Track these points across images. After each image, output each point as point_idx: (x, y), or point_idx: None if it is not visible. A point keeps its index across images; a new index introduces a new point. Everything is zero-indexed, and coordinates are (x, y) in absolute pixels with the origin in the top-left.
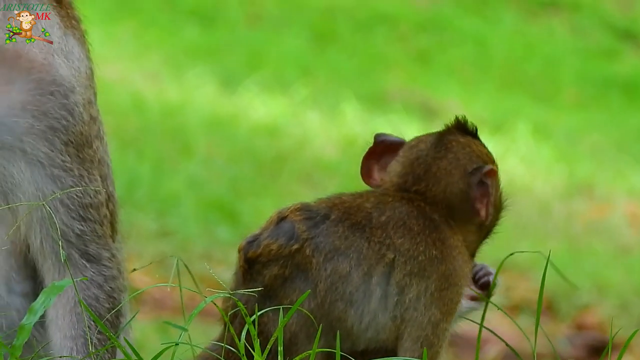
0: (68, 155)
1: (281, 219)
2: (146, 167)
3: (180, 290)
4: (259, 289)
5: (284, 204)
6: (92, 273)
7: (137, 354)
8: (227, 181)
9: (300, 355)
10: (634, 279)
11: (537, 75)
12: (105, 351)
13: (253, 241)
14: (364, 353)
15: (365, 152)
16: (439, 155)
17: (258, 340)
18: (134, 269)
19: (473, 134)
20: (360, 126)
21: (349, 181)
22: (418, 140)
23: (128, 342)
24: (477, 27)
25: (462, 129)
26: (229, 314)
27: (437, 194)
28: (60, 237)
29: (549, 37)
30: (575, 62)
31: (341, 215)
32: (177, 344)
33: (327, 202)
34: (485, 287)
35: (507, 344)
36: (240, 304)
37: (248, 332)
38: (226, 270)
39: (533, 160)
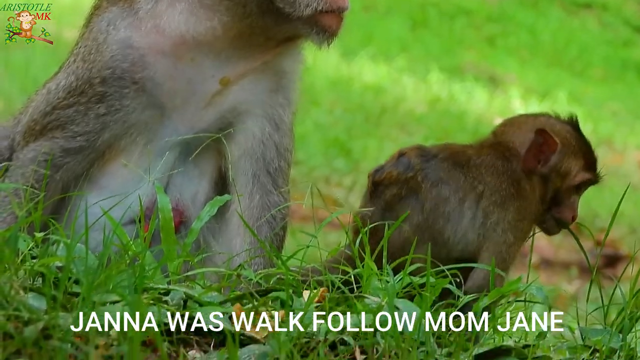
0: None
1: (401, 155)
2: None
3: (313, 206)
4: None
5: (385, 145)
6: (275, 199)
7: (280, 260)
8: (344, 126)
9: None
10: None
11: (574, 58)
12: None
13: (379, 170)
14: (457, 261)
15: None
16: (530, 116)
17: (370, 243)
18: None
19: (574, 125)
20: (442, 90)
21: (432, 130)
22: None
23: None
24: (531, 20)
25: (574, 124)
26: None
27: (510, 141)
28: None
29: (584, 29)
30: (602, 48)
31: (447, 155)
32: (308, 247)
33: (439, 147)
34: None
35: None
36: (357, 218)
37: (369, 239)
38: (341, 191)
39: None
